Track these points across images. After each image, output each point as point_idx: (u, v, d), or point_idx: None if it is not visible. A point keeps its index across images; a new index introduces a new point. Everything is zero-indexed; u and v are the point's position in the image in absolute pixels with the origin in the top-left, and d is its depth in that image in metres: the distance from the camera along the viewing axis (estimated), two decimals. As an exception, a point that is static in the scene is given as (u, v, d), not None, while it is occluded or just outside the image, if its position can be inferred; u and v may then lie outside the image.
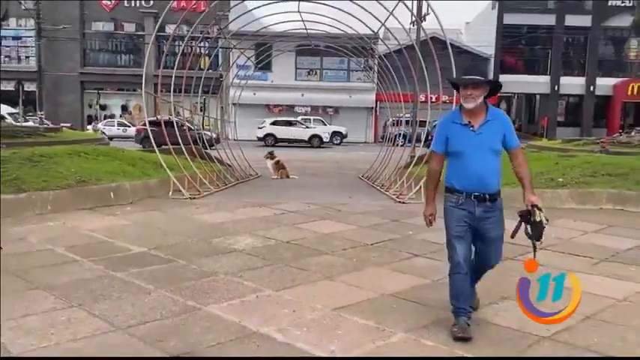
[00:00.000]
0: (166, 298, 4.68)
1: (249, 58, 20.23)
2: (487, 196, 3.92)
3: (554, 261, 6.15)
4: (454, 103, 12.18)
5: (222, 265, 5.71)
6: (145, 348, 3.73)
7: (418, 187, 10.29)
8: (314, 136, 33.97)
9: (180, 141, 11.74)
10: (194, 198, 9.94)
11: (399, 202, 10.19)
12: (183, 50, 20.98)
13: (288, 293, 4.91)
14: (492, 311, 4.59)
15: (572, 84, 38.79)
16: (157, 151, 10.79)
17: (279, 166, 15.12)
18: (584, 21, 37.53)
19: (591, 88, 38.60)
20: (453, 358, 3.69)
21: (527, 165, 4.05)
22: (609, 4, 36.42)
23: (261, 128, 33.89)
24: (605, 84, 38.28)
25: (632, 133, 20.57)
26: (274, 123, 34.15)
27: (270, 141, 33.01)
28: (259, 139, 33.27)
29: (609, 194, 9.44)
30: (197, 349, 3.73)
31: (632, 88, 36.96)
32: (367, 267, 5.81)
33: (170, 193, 10.08)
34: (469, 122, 3.93)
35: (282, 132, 33.84)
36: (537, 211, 3.72)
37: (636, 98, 37.66)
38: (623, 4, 35.74)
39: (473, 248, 4.11)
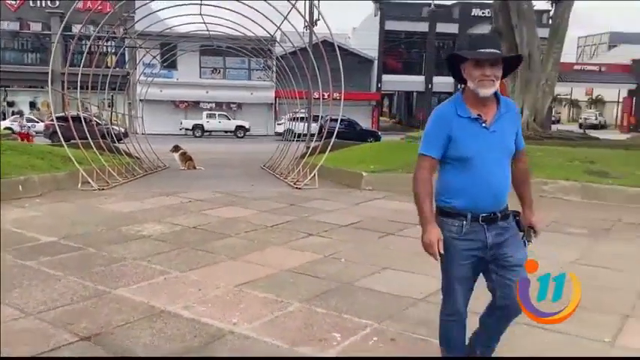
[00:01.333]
0: (76, 284, 4.47)
1: (154, 57, 19.53)
2: (499, 215, 2.59)
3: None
4: (342, 100, 12.62)
5: (130, 251, 5.51)
6: (55, 331, 3.54)
7: (312, 175, 10.46)
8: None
9: (88, 135, 11.12)
10: (103, 189, 9.47)
11: (296, 188, 10.28)
12: (90, 49, 19.88)
13: (194, 274, 4.84)
14: (374, 279, 4.78)
15: (443, 82, 40.64)
16: (64, 145, 10.18)
17: (185, 157, 14.78)
18: (452, 28, 39.49)
19: (459, 86, 40.60)
20: (360, 324, 3.81)
21: (530, 173, 2.90)
22: (472, 14, 38.51)
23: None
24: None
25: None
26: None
27: (198, 132, 34.69)
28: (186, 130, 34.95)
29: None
30: (107, 329, 3.60)
31: (493, 86, 39.41)
32: (267, 247, 5.84)
33: (79, 185, 9.53)
34: (479, 116, 2.56)
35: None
36: (532, 235, 2.74)
37: (494, 95, 40.22)
38: (483, 15, 37.89)
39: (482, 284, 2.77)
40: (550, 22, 18.48)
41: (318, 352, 3.32)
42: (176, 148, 15.32)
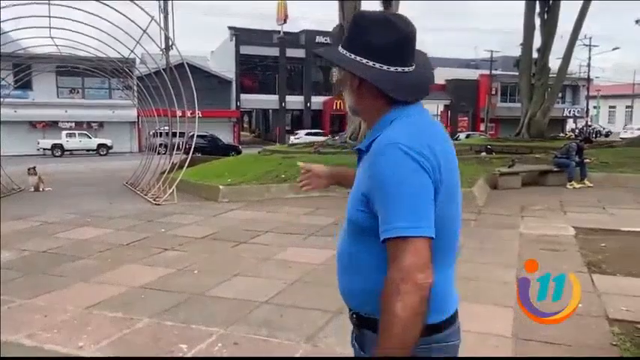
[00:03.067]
0: None
1: (3, 79, 17.43)
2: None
3: (275, 239, 6.61)
4: (196, 117, 12.35)
5: (-30, 282, 4.85)
6: None
7: (171, 190, 10.07)
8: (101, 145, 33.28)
9: None
10: (-57, 218, 8.21)
11: (156, 204, 9.81)
12: None
13: (41, 300, 4.39)
14: (224, 287, 4.73)
15: (295, 101, 41.78)
16: None
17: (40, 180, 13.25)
18: (300, 53, 40.57)
19: (308, 104, 42.03)
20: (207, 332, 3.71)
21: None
22: (317, 40, 39.94)
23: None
24: (317, 101, 41.97)
25: (336, 138, 22.85)
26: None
27: (57, 152, 31.44)
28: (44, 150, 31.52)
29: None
30: None
31: (337, 104, 41.13)
32: (121, 265, 5.50)
33: None
34: None
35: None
36: None
37: (340, 112, 42.03)
38: (326, 41, 39.50)
39: None
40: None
41: (163, 365, 3.20)
42: (34, 171, 13.36)
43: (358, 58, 1.31)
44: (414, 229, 1.16)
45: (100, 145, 33.10)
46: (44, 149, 31.60)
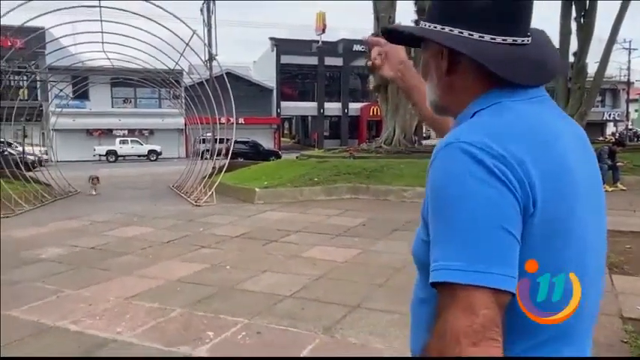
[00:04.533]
0: (-34, 310, 4.17)
1: (61, 90, 18.49)
2: None
3: (304, 238, 6.75)
4: (234, 124, 12.71)
5: (27, 274, 5.21)
6: (-62, 357, 3.31)
7: (211, 192, 10.40)
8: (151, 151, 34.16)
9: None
10: (8, 217, 8.80)
11: (196, 205, 10.16)
12: (1, 82, 18.39)
13: (87, 291, 4.68)
14: (252, 281, 4.89)
15: (333, 107, 41.97)
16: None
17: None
18: (338, 62, 40.82)
19: (346, 110, 42.15)
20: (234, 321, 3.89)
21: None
22: (354, 49, 40.05)
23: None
24: (355, 107, 42.05)
25: (372, 143, 22.86)
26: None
27: (112, 158, 32.45)
28: (100, 156, 32.54)
29: (347, 187, 10.51)
30: (-6, 349, 3.41)
31: (373, 110, 41.08)
32: (161, 261, 5.77)
33: (-18, 214, 8.80)
34: None
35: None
36: None
37: (376, 117, 41.96)
38: (363, 50, 39.54)
39: None
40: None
41: (190, 350, 3.37)
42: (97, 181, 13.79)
43: (447, 29, 0.89)
44: (468, 274, 0.73)
45: (151, 151, 34.30)
46: (100, 155, 33.01)
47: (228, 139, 13.55)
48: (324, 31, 41.03)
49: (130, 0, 9.59)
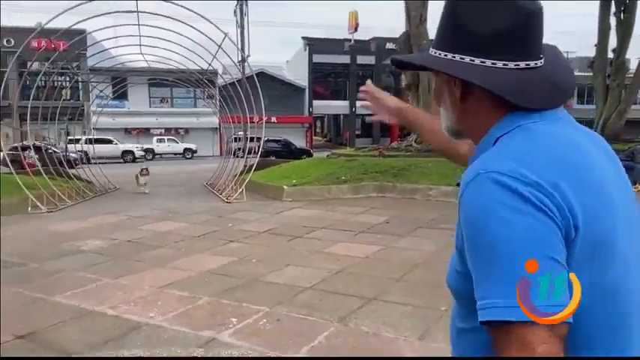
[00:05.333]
0: (16, 294, 4.59)
1: (101, 91, 19.37)
2: None
3: (328, 235, 6.98)
4: (264, 123, 13.04)
5: (69, 264, 5.64)
6: (-7, 334, 3.70)
7: (241, 190, 10.76)
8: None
9: (27, 163, 10.99)
10: (51, 212, 9.39)
11: (227, 202, 10.54)
12: (45, 84, 19.41)
13: (123, 280, 5.05)
14: (276, 274, 5.16)
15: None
16: (13, 172, 10.01)
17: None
18: (370, 60, 40.84)
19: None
20: (254, 309, 4.16)
21: None
22: (387, 47, 39.95)
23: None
24: (387, 105, 41.97)
25: (403, 141, 22.80)
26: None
27: (149, 156, 33.01)
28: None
29: (374, 186, 10.67)
30: (41, 329, 3.79)
31: (406, 108, 40.89)
32: (192, 254, 6.11)
33: (29, 209, 9.40)
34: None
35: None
36: None
37: (409, 115, 41.79)
38: (395, 48, 39.44)
39: None
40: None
41: (216, 333, 3.65)
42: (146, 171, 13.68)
43: (458, 57, 0.88)
44: (519, 310, 0.72)
45: (186, 150, 35.33)
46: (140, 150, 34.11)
47: (259, 138, 13.96)
48: (356, 29, 41.09)
49: (165, 1, 10.01)
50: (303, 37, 41.20)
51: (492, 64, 0.85)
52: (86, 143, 31.31)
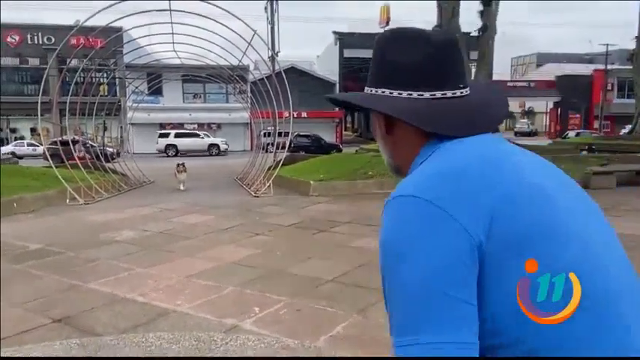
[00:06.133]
0: (55, 281, 4.88)
1: (137, 88, 19.94)
2: None
3: (352, 229, 7.07)
4: (291, 118, 13.16)
5: (103, 253, 5.92)
6: (34, 316, 3.96)
7: (268, 184, 10.95)
8: (212, 145, 33.78)
9: (77, 156, 11.48)
10: (88, 204, 9.81)
11: (255, 196, 10.75)
12: (84, 80, 20.17)
13: (153, 269, 5.28)
14: (299, 266, 5.29)
15: (396, 101, 41.74)
16: (53, 166, 10.49)
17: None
18: (402, 54, 40.55)
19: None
20: (275, 299, 4.31)
21: None
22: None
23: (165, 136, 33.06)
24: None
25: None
26: (176, 135, 33.33)
27: (171, 152, 32.41)
28: (160, 151, 32.55)
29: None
30: (76, 313, 4.03)
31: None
32: (218, 245, 6.31)
33: (67, 201, 9.86)
34: None
35: (183, 143, 33.15)
36: None
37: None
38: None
39: None
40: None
41: (238, 321, 3.81)
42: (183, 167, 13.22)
43: (387, 92, 0.93)
44: (407, 348, 0.73)
45: (211, 146, 35.19)
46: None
47: (286, 133, 14.14)
48: (387, 23, 40.79)
49: (198, 0, 10.27)
50: (334, 32, 41.22)
51: (408, 95, 0.91)
52: (175, 137, 32.20)
